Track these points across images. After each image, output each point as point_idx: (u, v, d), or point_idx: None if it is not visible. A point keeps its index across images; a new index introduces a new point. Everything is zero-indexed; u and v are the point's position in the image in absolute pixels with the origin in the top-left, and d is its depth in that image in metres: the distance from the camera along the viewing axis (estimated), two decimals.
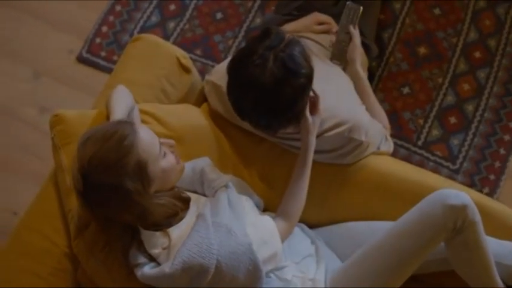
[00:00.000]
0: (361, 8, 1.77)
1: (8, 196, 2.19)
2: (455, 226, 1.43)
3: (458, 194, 1.44)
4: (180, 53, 1.75)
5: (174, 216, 1.39)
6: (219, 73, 1.69)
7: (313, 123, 1.52)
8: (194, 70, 1.78)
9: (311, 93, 1.50)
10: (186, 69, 1.75)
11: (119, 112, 1.49)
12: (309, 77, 1.43)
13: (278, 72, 1.37)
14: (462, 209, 1.42)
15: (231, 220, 1.40)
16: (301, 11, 1.94)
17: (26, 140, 2.26)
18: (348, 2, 1.77)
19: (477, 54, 2.17)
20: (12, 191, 2.20)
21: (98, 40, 2.34)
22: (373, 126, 1.67)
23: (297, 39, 1.44)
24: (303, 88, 1.42)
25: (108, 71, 2.28)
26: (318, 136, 1.56)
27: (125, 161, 1.28)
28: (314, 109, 1.52)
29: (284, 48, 1.39)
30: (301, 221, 1.57)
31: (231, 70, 1.46)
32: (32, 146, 2.25)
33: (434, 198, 1.46)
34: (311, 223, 1.69)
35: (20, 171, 2.22)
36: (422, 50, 2.20)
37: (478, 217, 1.45)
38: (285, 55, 1.38)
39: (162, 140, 1.40)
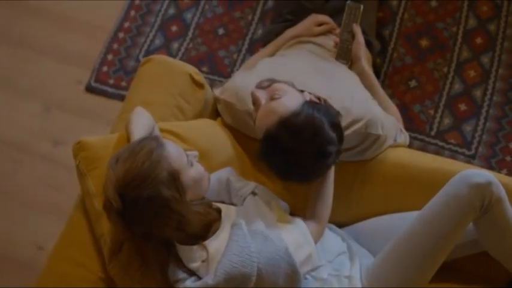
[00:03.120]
0: (362, 6, 1.80)
1: (31, 231, 2.21)
2: (483, 204, 1.44)
3: (481, 172, 1.46)
4: (192, 69, 1.78)
5: (209, 227, 1.40)
6: (230, 90, 1.71)
7: None
8: (207, 85, 1.81)
9: (318, 98, 1.53)
10: (199, 85, 1.77)
11: (138, 134, 1.51)
12: (317, 107, 1.45)
13: (315, 142, 1.41)
14: (487, 186, 1.43)
15: (265, 226, 1.42)
16: (296, 15, 1.97)
17: (43, 173, 2.28)
18: (348, 2, 1.80)
19: (478, 40, 2.21)
20: (35, 225, 2.21)
21: (104, 68, 2.37)
22: (387, 119, 1.69)
23: (279, 119, 1.43)
24: (328, 115, 1.45)
25: (118, 97, 2.31)
26: None
27: (157, 171, 1.32)
28: None
29: (292, 134, 1.41)
30: (328, 221, 1.58)
31: (281, 177, 1.50)
32: (50, 179, 2.27)
33: (459, 179, 1.47)
34: (338, 222, 1.71)
35: (40, 205, 2.24)
36: (424, 42, 2.23)
37: (503, 193, 1.46)
38: (302, 134, 1.41)
39: (186, 152, 1.43)
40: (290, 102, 1.45)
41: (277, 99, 1.46)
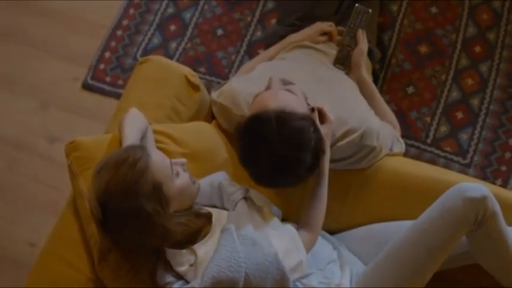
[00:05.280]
0: (370, 10, 1.76)
1: (23, 228, 2.20)
2: (477, 218, 1.44)
3: (477, 186, 1.46)
4: (188, 71, 1.77)
5: (197, 233, 1.40)
6: (226, 93, 1.70)
7: (325, 133, 1.53)
8: (203, 87, 1.80)
9: (318, 103, 1.53)
10: (195, 87, 1.77)
11: (130, 137, 1.50)
12: (320, 136, 1.46)
13: (290, 151, 1.41)
14: (482, 200, 1.43)
15: (255, 232, 1.41)
16: (303, 21, 1.96)
17: (39, 171, 2.27)
18: (356, 5, 1.76)
19: (477, 49, 2.20)
20: (28, 223, 2.21)
21: (101, 66, 2.36)
22: (383, 129, 1.69)
23: (280, 109, 1.43)
24: (317, 144, 1.45)
25: (114, 95, 2.30)
26: (331, 146, 1.57)
27: (139, 184, 1.30)
28: (323, 118, 1.54)
29: (279, 127, 1.40)
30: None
31: (243, 160, 1.49)
32: (44, 176, 2.26)
33: (454, 192, 1.47)
34: (331, 229, 1.71)
35: (33, 202, 2.24)
36: (423, 49, 2.22)
37: (497, 207, 1.46)
38: (286, 135, 1.40)
39: (173, 160, 1.42)
40: (299, 105, 1.46)
41: (291, 92, 1.47)
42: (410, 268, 1.49)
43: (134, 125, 1.55)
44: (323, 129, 1.52)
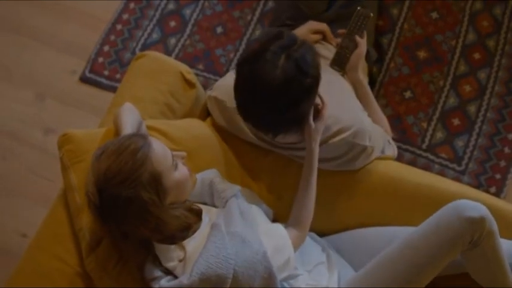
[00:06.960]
0: (372, 14, 1.75)
1: (16, 219, 2.20)
2: (473, 239, 1.41)
3: (475, 206, 1.42)
4: (184, 68, 1.77)
5: (188, 229, 1.40)
6: (221, 88, 1.70)
7: (316, 129, 1.52)
8: (198, 84, 1.80)
9: (318, 100, 1.52)
10: (190, 84, 1.76)
11: (127, 129, 1.50)
12: (317, 80, 1.44)
13: (289, 69, 1.37)
14: (480, 221, 1.40)
15: (244, 229, 1.41)
16: (294, 21, 1.96)
17: (33, 162, 2.27)
18: (358, 8, 1.75)
19: (476, 55, 2.19)
20: (21, 214, 2.21)
21: (100, 59, 2.36)
22: (375, 131, 1.69)
23: (309, 43, 1.45)
24: (310, 89, 1.42)
25: (112, 89, 2.30)
26: (322, 143, 1.56)
27: (139, 172, 1.30)
28: (318, 115, 1.54)
29: (297, 48, 1.40)
30: (310, 229, 1.57)
31: (241, 66, 1.44)
32: (39, 168, 2.26)
33: (452, 209, 1.43)
34: (321, 231, 1.70)
35: (27, 194, 2.24)
36: (422, 54, 2.21)
37: (495, 227, 1.43)
38: (298, 55, 1.39)
39: (173, 152, 1.42)
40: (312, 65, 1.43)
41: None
42: (400, 282, 1.47)
43: (130, 118, 1.55)
44: (316, 124, 1.51)
